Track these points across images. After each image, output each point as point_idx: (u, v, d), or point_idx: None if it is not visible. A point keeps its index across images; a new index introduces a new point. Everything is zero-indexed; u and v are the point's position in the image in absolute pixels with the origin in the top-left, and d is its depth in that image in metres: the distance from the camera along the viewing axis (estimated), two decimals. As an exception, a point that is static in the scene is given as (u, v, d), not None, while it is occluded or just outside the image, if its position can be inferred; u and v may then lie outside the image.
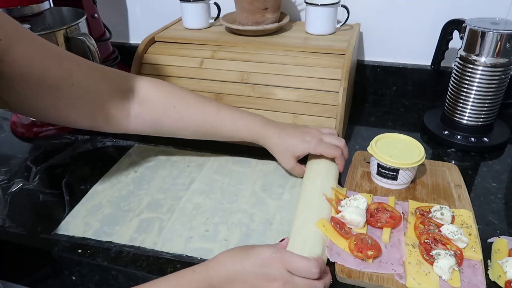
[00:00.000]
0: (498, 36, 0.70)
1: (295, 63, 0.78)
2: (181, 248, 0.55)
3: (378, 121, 0.90)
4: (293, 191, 0.66)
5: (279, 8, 0.88)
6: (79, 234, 0.58)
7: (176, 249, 0.55)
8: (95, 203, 0.64)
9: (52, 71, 0.54)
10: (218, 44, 0.84)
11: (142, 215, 0.61)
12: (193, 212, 0.62)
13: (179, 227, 0.59)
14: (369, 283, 0.49)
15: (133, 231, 0.58)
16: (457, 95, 0.78)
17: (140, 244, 0.56)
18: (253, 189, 0.67)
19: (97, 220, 0.61)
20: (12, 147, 0.83)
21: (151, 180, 0.69)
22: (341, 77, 0.73)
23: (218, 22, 0.94)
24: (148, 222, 0.60)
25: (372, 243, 0.53)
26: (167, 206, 0.63)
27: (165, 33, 0.90)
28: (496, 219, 0.60)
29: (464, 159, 0.75)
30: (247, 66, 0.80)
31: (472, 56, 0.73)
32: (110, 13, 1.12)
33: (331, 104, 0.73)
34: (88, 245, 0.57)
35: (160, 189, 0.67)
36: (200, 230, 0.58)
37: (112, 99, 0.61)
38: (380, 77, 0.98)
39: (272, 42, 0.84)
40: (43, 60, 0.54)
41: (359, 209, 0.56)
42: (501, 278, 0.49)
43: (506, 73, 0.73)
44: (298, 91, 0.75)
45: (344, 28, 0.90)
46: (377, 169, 0.65)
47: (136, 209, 0.63)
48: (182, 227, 0.59)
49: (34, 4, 0.80)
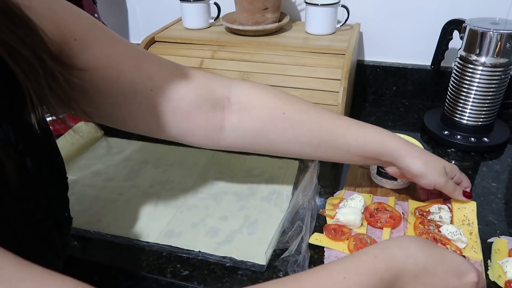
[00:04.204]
0: (498, 36, 0.70)
1: (295, 63, 0.78)
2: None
3: (378, 121, 0.89)
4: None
5: (279, 8, 0.88)
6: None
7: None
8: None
9: (129, 74, 0.47)
10: (218, 44, 0.85)
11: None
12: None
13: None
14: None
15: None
16: (457, 95, 0.78)
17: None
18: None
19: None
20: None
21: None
22: (341, 77, 0.73)
23: (218, 22, 0.94)
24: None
25: (371, 242, 0.53)
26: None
27: (165, 33, 0.90)
28: (496, 219, 0.60)
29: (464, 159, 0.75)
30: (247, 66, 0.80)
31: (472, 56, 0.73)
32: (110, 13, 1.12)
33: (331, 104, 0.73)
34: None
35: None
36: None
37: (199, 108, 0.51)
38: (380, 77, 0.98)
39: (272, 42, 0.84)
40: (120, 61, 0.47)
41: (354, 209, 0.57)
42: (501, 278, 0.49)
43: (506, 73, 0.73)
44: (298, 91, 0.75)
45: (344, 28, 0.90)
46: (377, 169, 0.65)
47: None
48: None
49: (34, 4, 0.80)
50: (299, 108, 0.54)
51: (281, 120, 0.53)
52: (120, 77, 0.47)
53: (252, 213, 0.62)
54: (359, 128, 0.55)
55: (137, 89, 0.48)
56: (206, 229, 0.59)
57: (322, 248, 0.54)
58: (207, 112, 0.52)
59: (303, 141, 0.54)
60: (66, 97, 0.37)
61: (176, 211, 0.62)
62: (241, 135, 0.54)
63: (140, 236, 0.58)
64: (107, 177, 0.70)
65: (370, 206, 0.59)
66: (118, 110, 0.49)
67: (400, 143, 0.55)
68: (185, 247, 0.56)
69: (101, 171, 0.72)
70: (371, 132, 0.55)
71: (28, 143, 0.37)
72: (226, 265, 0.53)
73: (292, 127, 0.54)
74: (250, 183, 0.68)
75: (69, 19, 0.44)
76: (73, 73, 0.40)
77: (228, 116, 0.54)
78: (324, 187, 0.67)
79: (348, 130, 0.54)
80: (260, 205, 0.63)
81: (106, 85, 0.46)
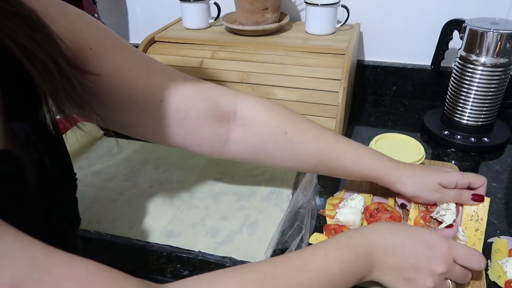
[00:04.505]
0: (498, 36, 0.70)
1: (295, 63, 0.78)
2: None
3: (378, 121, 0.90)
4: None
5: (279, 8, 0.88)
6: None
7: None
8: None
9: (140, 84, 0.49)
10: (218, 44, 0.85)
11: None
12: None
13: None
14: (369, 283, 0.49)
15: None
16: (457, 95, 0.78)
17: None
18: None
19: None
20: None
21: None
22: (341, 77, 0.73)
23: (218, 22, 0.94)
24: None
25: (372, 243, 0.53)
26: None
27: (165, 33, 0.90)
28: (496, 219, 0.60)
29: (464, 159, 0.75)
30: (247, 66, 0.80)
31: (472, 56, 0.73)
32: (110, 13, 1.12)
33: (331, 104, 0.73)
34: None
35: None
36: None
37: (206, 120, 0.53)
38: (380, 77, 0.98)
39: (272, 42, 0.84)
40: (132, 71, 0.48)
41: (353, 209, 0.57)
42: (501, 278, 0.49)
43: (506, 73, 0.73)
44: (298, 91, 0.75)
45: (344, 28, 0.90)
46: (377, 169, 0.65)
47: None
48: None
49: (34, 4, 0.80)
50: (300, 129, 0.56)
51: (282, 140, 0.55)
52: (132, 87, 0.48)
53: (252, 213, 0.62)
54: (355, 152, 0.57)
55: (148, 99, 0.50)
56: (206, 229, 0.59)
57: (322, 248, 0.54)
58: (213, 124, 0.54)
59: (301, 161, 0.57)
60: (80, 99, 0.39)
61: (176, 211, 0.62)
62: (243, 148, 0.56)
63: (140, 236, 0.58)
64: (107, 177, 0.70)
65: (370, 206, 0.59)
66: (128, 117, 0.50)
67: (392, 169, 0.56)
68: (185, 247, 0.56)
69: (101, 171, 0.72)
70: (366, 157, 0.56)
71: (45, 143, 0.38)
72: (226, 265, 0.53)
73: (292, 147, 0.56)
74: (250, 183, 0.68)
75: (85, 29, 0.45)
76: (87, 77, 0.41)
77: (233, 129, 0.55)
78: (324, 187, 0.67)
79: (344, 154, 0.56)
80: (260, 205, 0.63)
81: (118, 93, 0.48)
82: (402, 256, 0.44)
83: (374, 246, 0.44)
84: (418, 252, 0.44)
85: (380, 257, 0.44)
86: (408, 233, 0.46)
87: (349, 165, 0.56)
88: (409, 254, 0.44)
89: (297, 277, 0.40)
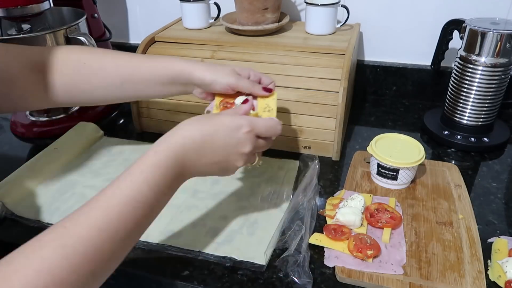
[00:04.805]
0: (498, 36, 0.70)
1: (295, 63, 0.78)
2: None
3: (378, 121, 0.90)
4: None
5: (279, 8, 0.88)
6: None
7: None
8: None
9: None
10: (218, 44, 0.84)
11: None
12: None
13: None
14: (369, 283, 0.49)
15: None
16: (457, 95, 0.78)
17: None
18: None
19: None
20: (12, 147, 0.83)
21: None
22: (341, 77, 0.73)
23: (218, 22, 0.94)
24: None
25: (371, 242, 0.53)
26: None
27: (165, 33, 0.90)
28: (496, 219, 0.60)
29: (464, 159, 0.75)
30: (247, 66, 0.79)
31: (472, 56, 0.73)
32: (110, 13, 1.12)
33: (331, 104, 0.73)
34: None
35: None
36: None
37: (23, 74, 0.57)
38: (380, 77, 0.98)
39: (272, 42, 0.84)
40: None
41: (354, 209, 0.57)
42: (501, 278, 0.49)
43: (506, 73, 0.73)
44: (298, 91, 0.75)
45: (344, 28, 0.90)
46: (377, 169, 0.65)
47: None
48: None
49: (34, 4, 0.80)
50: (97, 56, 0.60)
51: (84, 70, 0.59)
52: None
53: (252, 213, 0.62)
54: (151, 60, 0.60)
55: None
56: (206, 229, 0.59)
57: (322, 248, 0.55)
58: (29, 77, 0.57)
59: (107, 84, 0.60)
60: None
61: (176, 211, 0.62)
62: (58, 90, 0.59)
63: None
64: (107, 177, 0.70)
65: (370, 206, 0.59)
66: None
67: (188, 63, 0.59)
68: (185, 247, 0.56)
69: (101, 171, 0.72)
70: (161, 61, 0.60)
71: None
72: (226, 265, 0.53)
73: (95, 74, 0.59)
74: (250, 183, 0.68)
75: None
76: None
77: (47, 77, 0.58)
78: (324, 187, 0.67)
79: (141, 65, 0.60)
80: (260, 205, 0.63)
81: None
82: (212, 152, 0.48)
83: (185, 153, 0.46)
84: (228, 140, 0.48)
85: (192, 158, 0.46)
86: (214, 127, 0.48)
87: (148, 74, 0.59)
88: (219, 147, 0.48)
89: (101, 214, 0.39)
